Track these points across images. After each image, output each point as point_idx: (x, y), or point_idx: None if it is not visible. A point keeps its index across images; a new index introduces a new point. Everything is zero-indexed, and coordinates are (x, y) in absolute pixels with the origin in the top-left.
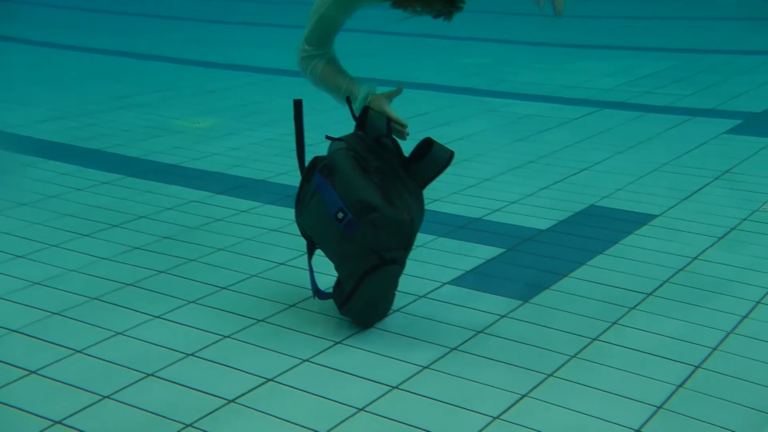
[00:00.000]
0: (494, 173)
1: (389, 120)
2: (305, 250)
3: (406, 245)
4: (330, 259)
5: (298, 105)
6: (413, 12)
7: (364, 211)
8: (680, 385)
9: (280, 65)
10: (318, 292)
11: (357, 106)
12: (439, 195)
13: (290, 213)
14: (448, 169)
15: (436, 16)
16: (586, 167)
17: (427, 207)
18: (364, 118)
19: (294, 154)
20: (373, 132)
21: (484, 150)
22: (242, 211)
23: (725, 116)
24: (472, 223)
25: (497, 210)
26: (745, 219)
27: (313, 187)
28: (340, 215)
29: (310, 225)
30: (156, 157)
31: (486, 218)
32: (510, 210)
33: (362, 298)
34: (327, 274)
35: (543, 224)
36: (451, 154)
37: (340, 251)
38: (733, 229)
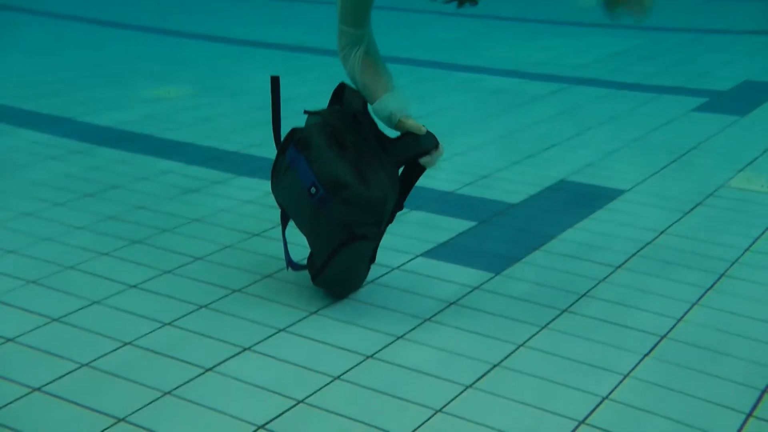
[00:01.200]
0: (466, 147)
1: (364, 100)
2: (279, 222)
3: (378, 221)
4: (302, 232)
5: (275, 82)
6: None
7: (336, 189)
8: (646, 354)
9: (256, 37)
10: (291, 264)
11: (379, 117)
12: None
13: (264, 185)
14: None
15: (460, 5)
16: (556, 143)
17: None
18: (340, 92)
19: (269, 126)
20: (350, 108)
21: (456, 124)
22: (216, 182)
23: (692, 94)
24: (444, 196)
25: (469, 183)
26: (711, 195)
27: (287, 160)
28: (313, 190)
29: (284, 197)
30: (128, 127)
31: (458, 192)
32: (482, 184)
33: (334, 271)
34: (301, 245)
35: (514, 198)
36: (436, 144)
37: (312, 225)
38: (699, 204)
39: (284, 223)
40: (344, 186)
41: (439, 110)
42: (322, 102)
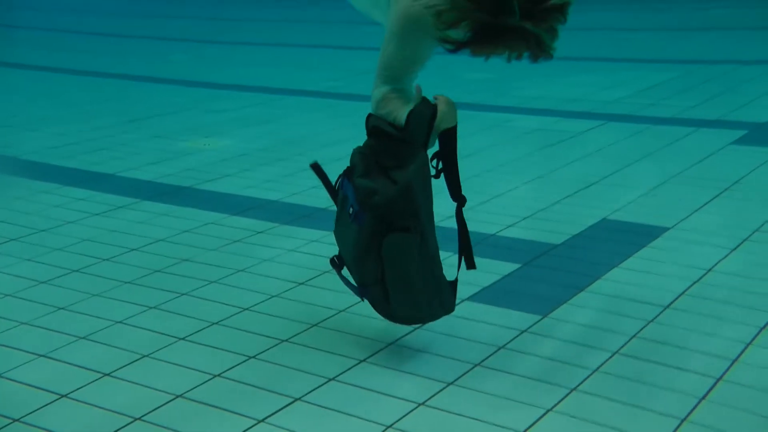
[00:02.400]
0: (505, 189)
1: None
2: (325, 269)
3: (414, 212)
4: (352, 268)
5: (317, 169)
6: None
7: (366, 198)
8: (702, 398)
9: (284, 84)
10: (362, 292)
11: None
12: (452, 212)
13: (307, 233)
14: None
15: (518, 58)
16: (595, 181)
17: (440, 224)
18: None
19: (307, 174)
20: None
21: (492, 166)
22: (259, 232)
23: (731, 126)
24: (486, 239)
25: (511, 225)
26: (757, 230)
27: (342, 192)
28: (351, 210)
29: (337, 234)
30: (169, 180)
31: (500, 234)
32: (523, 225)
33: (395, 284)
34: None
35: (557, 238)
36: (434, 107)
37: (357, 248)
38: (745, 240)
39: (341, 264)
40: (372, 192)
41: (474, 152)
42: (354, 145)
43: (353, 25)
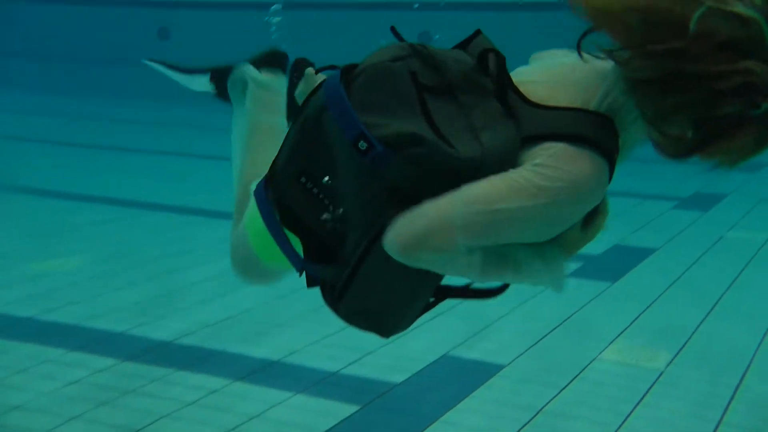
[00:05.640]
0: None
1: None
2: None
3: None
4: None
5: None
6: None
7: (402, 142)
8: None
9: (146, 197)
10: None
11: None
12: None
13: (202, 379)
14: None
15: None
16: (441, 312)
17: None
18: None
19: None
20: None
21: None
22: (156, 379)
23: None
24: (328, 378)
25: (355, 361)
26: (585, 368)
27: (322, 98)
28: (363, 145)
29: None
30: (11, 310)
31: (343, 371)
32: (366, 362)
33: (370, 276)
34: None
35: (398, 376)
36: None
37: (351, 201)
38: (575, 378)
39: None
40: (418, 140)
41: None
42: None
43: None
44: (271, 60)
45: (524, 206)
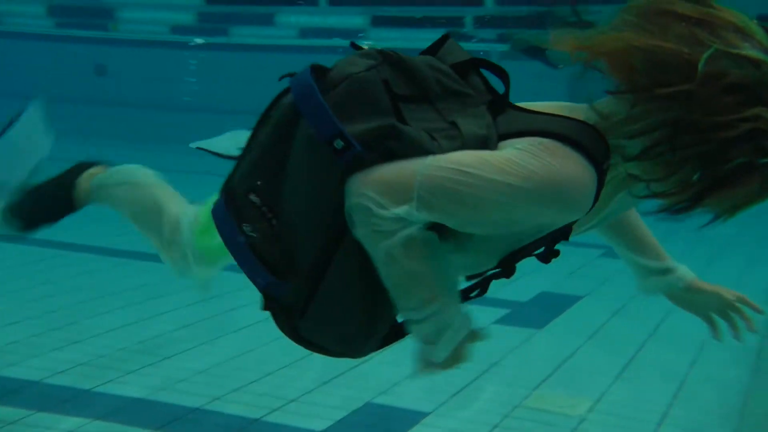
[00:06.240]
0: (277, 366)
1: None
2: None
3: None
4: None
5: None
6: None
7: (382, 137)
8: None
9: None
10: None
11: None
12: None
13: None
14: None
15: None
16: (369, 357)
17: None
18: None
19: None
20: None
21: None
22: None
23: (495, 305)
24: (249, 426)
25: (277, 409)
26: (507, 416)
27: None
28: (339, 143)
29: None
30: None
31: (264, 419)
32: (289, 409)
33: (340, 281)
34: None
35: (320, 424)
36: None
37: (306, 203)
38: (496, 426)
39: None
40: (396, 134)
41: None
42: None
43: None
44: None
45: (492, 180)
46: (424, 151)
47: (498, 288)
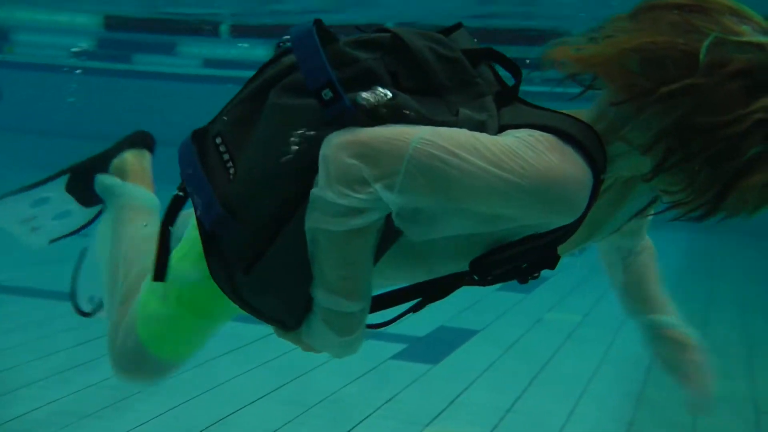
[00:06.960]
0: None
1: None
2: None
3: None
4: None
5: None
6: None
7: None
8: None
9: None
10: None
11: None
12: None
13: None
14: None
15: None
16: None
17: None
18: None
19: None
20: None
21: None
22: None
23: (392, 339)
24: None
25: None
26: None
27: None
28: (327, 94)
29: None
30: None
31: None
32: None
33: (289, 252)
34: None
35: None
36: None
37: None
38: None
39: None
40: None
41: None
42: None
43: None
44: (136, 141)
45: (484, 164)
46: (415, 118)
47: (397, 322)
